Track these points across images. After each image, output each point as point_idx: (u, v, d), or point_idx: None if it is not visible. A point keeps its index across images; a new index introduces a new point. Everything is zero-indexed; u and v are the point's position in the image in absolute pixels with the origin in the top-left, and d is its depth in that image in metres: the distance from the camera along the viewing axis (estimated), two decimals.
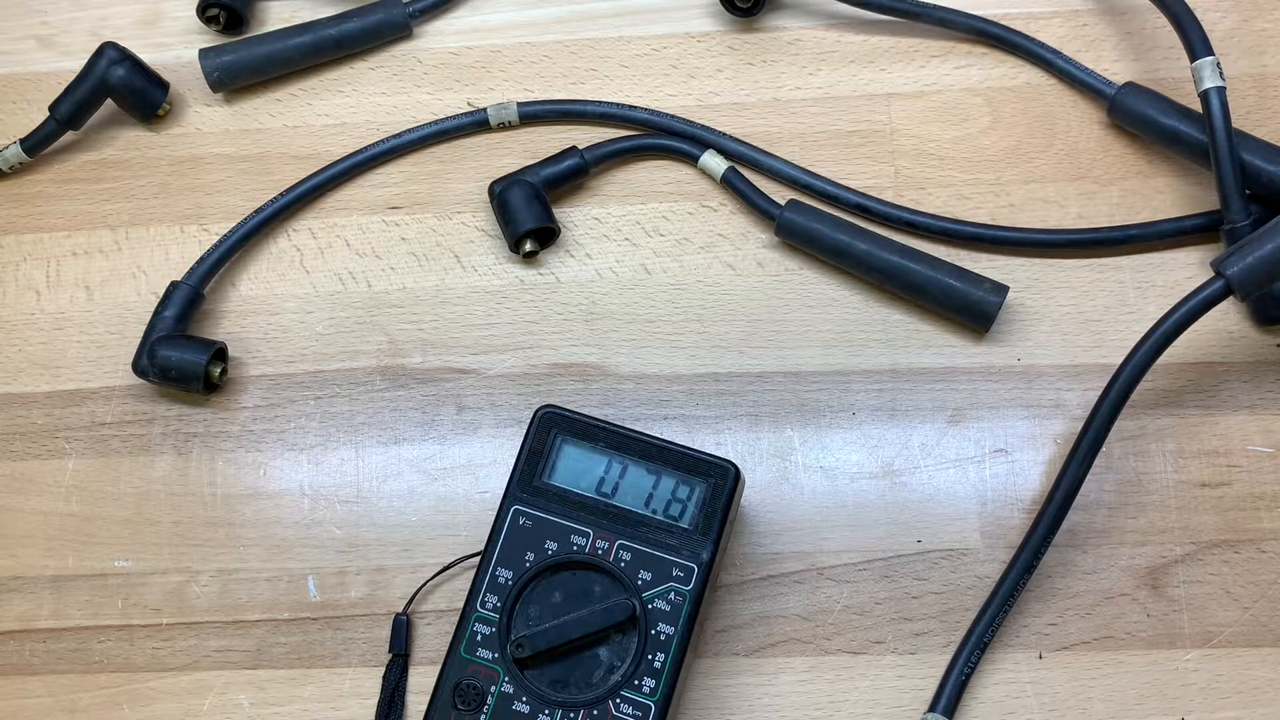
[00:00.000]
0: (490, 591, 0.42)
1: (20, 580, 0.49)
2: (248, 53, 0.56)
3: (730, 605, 0.47)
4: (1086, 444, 0.45)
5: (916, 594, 0.47)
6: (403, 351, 0.52)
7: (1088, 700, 0.46)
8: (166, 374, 0.50)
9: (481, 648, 0.42)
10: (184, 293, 0.52)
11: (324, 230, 0.55)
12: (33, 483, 0.51)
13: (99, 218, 0.56)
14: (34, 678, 0.48)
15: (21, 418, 0.52)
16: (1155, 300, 0.51)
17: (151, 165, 0.57)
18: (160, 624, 0.48)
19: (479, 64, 0.58)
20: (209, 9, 0.57)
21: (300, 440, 0.51)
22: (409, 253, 0.54)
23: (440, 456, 0.50)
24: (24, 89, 0.59)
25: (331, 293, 0.53)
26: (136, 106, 0.56)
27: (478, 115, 0.56)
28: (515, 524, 0.43)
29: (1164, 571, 0.47)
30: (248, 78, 0.57)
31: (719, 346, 0.52)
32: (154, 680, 0.48)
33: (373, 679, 0.47)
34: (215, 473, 0.51)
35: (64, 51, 0.59)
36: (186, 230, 0.55)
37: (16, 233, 0.55)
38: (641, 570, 0.42)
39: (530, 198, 0.52)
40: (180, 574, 0.49)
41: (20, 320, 0.54)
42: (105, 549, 0.50)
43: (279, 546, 0.49)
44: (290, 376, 0.52)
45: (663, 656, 0.41)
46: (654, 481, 0.43)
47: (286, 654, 0.48)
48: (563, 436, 0.44)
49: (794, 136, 0.55)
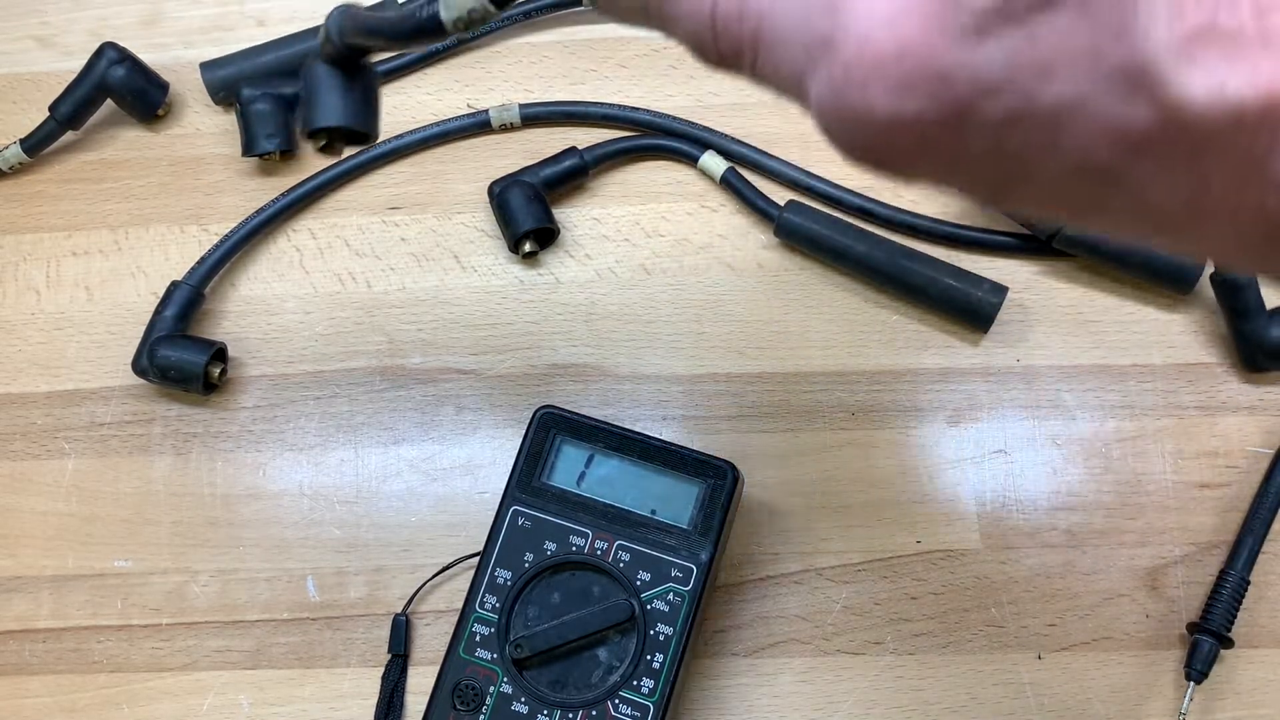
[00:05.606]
0: (489, 592, 0.42)
1: (20, 580, 0.49)
2: (248, 64, 0.56)
3: (729, 605, 0.47)
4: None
5: (915, 594, 0.47)
6: (402, 352, 0.52)
7: (1087, 701, 0.46)
8: (166, 374, 0.50)
9: (480, 648, 0.42)
10: (184, 293, 0.52)
11: (324, 231, 0.55)
12: (32, 483, 0.51)
13: (99, 218, 0.56)
14: (33, 678, 0.48)
15: (21, 418, 0.52)
16: (1155, 300, 0.51)
17: (151, 165, 0.57)
18: (160, 624, 0.48)
19: (479, 64, 0.58)
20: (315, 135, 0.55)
21: (300, 440, 0.51)
22: (409, 253, 0.54)
23: (439, 457, 0.50)
24: (24, 89, 0.59)
25: (331, 293, 0.53)
26: (136, 107, 0.56)
27: (479, 117, 0.56)
28: (514, 524, 0.43)
29: (1163, 572, 0.47)
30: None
31: (718, 347, 0.52)
32: (153, 680, 0.48)
33: (372, 679, 0.47)
34: (215, 473, 0.51)
35: (64, 51, 0.59)
36: (186, 230, 0.55)
37: (16, 233, 0.55)
38: (640, 571, 0.42)
39: (530, 198, 0.52)
40: (180, 574, 0.49)
41: (20, 320, 0.54)
42: (105, 549, 0.50)
43: (278, 547, 0.49)
44: (290, 377, 0.52)
45: (662, 657, 0.41)
46: (653, 482, 0.43)
47: (286, 654, 0.48)
48: (562, 437, 0.44)
49: (794, 137, 0.55)
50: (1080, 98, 0.19)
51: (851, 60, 0.21)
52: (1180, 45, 0.18)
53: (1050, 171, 0.21)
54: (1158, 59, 0.18)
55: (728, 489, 0.43)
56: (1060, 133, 0.20)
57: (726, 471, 0.43)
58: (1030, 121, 0.20)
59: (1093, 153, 0.20)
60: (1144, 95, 0.18)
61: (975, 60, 0.20)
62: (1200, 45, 0.18)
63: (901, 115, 0.21)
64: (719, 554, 0.43)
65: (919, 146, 0.21)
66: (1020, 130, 0.20)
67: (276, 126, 0.54)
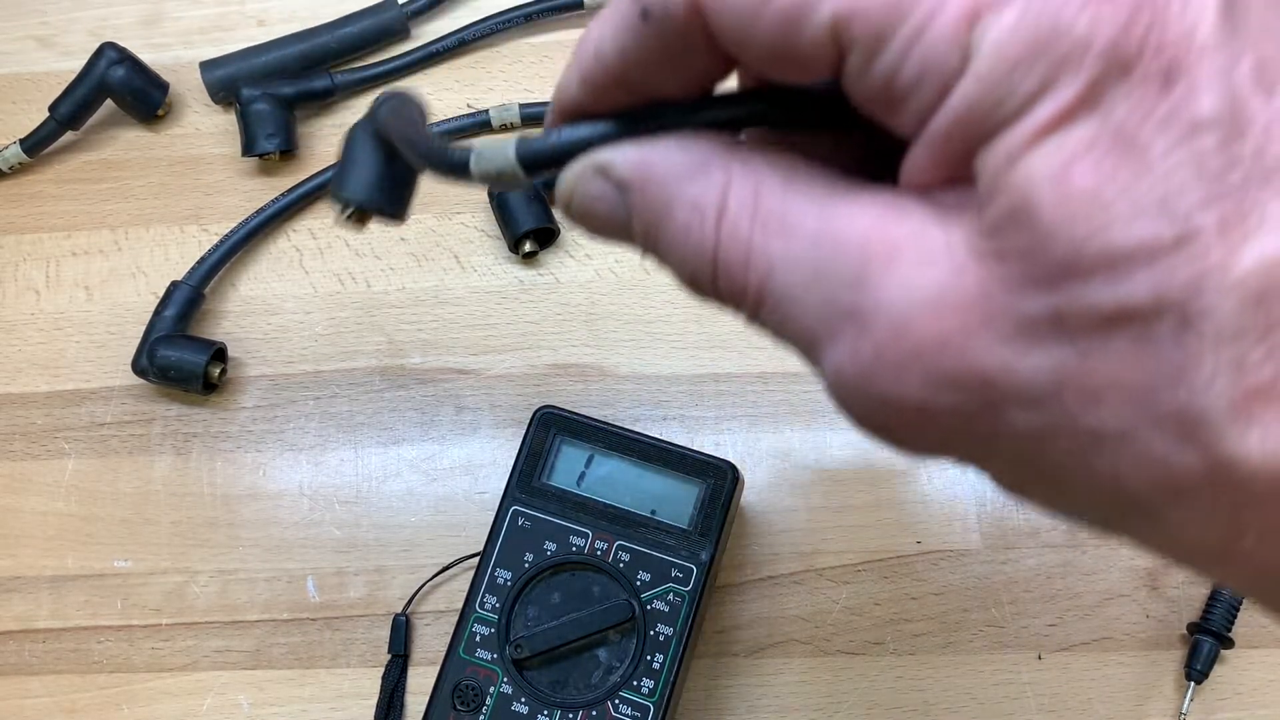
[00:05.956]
0: (489, 592, 0.42)
1: (19, 580, 0.49)
2: (247, 64, 0.56)
3: (729, 606, 0.47)
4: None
5: (916, 595, 0.47)
6: (402, 352, 0.52)
7: (1087, 701, 0.46)
8: (166, 374, 0.50)
9: (480, 648, 0.42)
10: (184, 293, 0.52)
11: (324, 230, 0.55)
12: (32, 483, 0.51)
13: (99, 218, 0.56)
14: (33, 678, 0.48)
15: (21, 418, 0.52)
16: None
17: (151, 165, 0.57)
18: (160, 624, 0.48)
19: (479, 64, 0.58)
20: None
21: (299, 440, 0.51)
22: (408, 253, 0.54)
23: (439, 457, 0.50)
24: (24, 89, 0.59)
25: (331, 293, 0.53)
26: (136, 107, 0.56)
27: (480, 117, 0.56)
28: (514, 524, 0.43)
29: (1164, 572, 0.47)
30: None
31: (719, 347, 0.52)
32: (153, 681, 0.48)
33: (372, 679, 0.47)
34: (215, 473, 0.51)
35: (64, 52, 0.59)
36: (186, 230, 0.55)
37: (16, 233, 0.55)
38: (640, 571, 0.42)
39: (530, 198, 0.52)
40: (179, 574, 0.49)
41: (20, 320, 0.54)
42: (104, 549, 0.50)
43: (278, 547, 0.49)
44: (289, 377, 0.52)
45: (662, 657, 0.41)
46: (653, 482, 0.43)
47: (286, 654, 0.48)
48: (562, 437, 0.44)
49: None
50: (1125, 431, 0.18)
51: (885, 342, 0.19)
52: (1241, 401, 0.17)
53: (1077, 488, 0.19)
54: (1216, 412, 0.17)
55: (728, 489, 0.43)
56: (1097, 458, 0.18)
57: (726, 472, 0.43)
58: (1067, 441, 0.18)
59: (1128, 484, 0.18)
60: (1196, 445, 0.17)
61: (1020, 367, 0.18)
62: (1261, 404, 0.17)
63: (933, 407, 0.19)
64: (719, 554, 0.43)
65: (943, 436, 0.20)
66: (1054, 444, 0.19)
67: (276, 126, 0.54)
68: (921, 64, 0.18)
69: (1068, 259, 0.17)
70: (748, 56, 0.20)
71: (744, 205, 0.21)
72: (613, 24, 0.22)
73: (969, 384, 0.19)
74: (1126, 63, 0.17)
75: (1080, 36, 0.17)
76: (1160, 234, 0.17)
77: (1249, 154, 0.17)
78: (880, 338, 0.19)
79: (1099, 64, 0.17)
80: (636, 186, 0.22)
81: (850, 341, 0.20)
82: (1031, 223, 0.18)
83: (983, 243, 0.18)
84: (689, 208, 0.21)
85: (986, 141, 0.18)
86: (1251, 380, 0.17)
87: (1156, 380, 0.17)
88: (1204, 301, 0.17)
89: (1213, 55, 0.17)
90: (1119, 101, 0.17)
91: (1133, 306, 0.17)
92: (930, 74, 0.18)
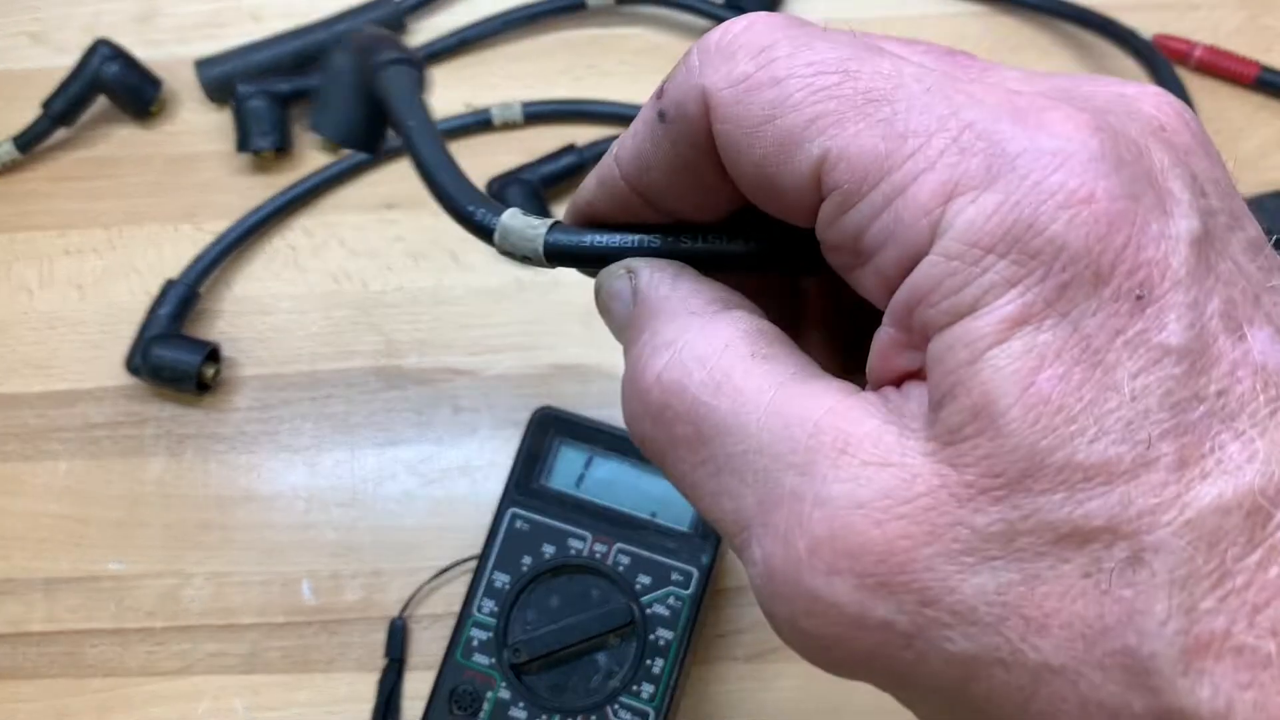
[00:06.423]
0: (487, 596, 0.42)
1: (12, 583, 0.49)
2: (244, 61, 0.56)
3: (730, 610, 0.47)
4: None
5: None
6: (399, 352, 0.52)
7: None
8: (160, 374, 0.49)
9: (478, 653, 0.41)
10: (179, 291, 0.51)
11: (320, 229, 0.54)
12: (24, 484, 0.50)
13: (92, 216, 0.55)
14: (26, 681, 0.47)
15: (13, 418, 0.51)
16: None
17: (145, 163, 0.56)
18: (153, 628, 0.48)
19: (479, 62, 0.57)
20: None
21: (294, 442, 0.50)
22: (405, 252, 0.54)
23: (436, 458, 0.50)
24: (16, 85, 0.58)
25: (327, 292, 0.53)
26: (130, 104, 0.55)
27: (481, 115, 0.55)
28: (512, 527, 0.42)
29: None
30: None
31: None
32: (147, 684, 0.47)
33: (368, 684, 0.47)
34: (208, 474, 0.50)
35: (57, 48, 0.59)
36: (180, 229, 0.55)
37: (8, 231, 0.55)
38: (640, 574, 0.41)
39: (528, 196, 0.52)
40: (173, 577, 0.49)
41: (12, 320, 0.53)
42: (98, 551, 0.49)
43: (273, 549, 0.49)
44: (284, 377, 0.51)
45: (661, 662, 0.41)
46: (653, 484, 0.43)
47: (281, 658, 0.47)
48: (560, 438, 0.44)
49: None
50: (1069, 668, 0.17)
51: (821, 538, 0.18)
52: (1193, 650, 0.16)
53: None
54: (1166, 660, 0.16)
55: None
56: (1034, 697, 0.17)
57: None
58: (1004, 673, 0.17)
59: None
60: (1144, 691, 0.16)
61: (963, 586, 0.17)
62: (1213, 657, 0.16)
63: (864, 617, 0.18)
64: (720, 557, 0.43)
65: (870, 650, 0.19)
66: (988, 675, 0.18)
67: (272, 124, 0.54)
68: (891, 226, 0.18)
69: (1028, 469, 0.17)
70: (738, 172, 0.21)
71: (702, 356, 0.21)
72: (634, 128, 0.22)
73: (905, 597, 0.18)
74: (1100, 274, 0.17)
75: (1055, 236, 0.17)
76: (1122, 456, 0.16)
77: (1213, 392, 0.17)
78: (818, 532, 0.18)
79: (1072, 268, 0.17)
80: (639, 300, 0.23)
81: (784, 530, 0.19)
82: (994, 426, 0.17)
83: (939, 448, 0.18)
84: (655, 339, 0.22)
85: (946, 326, 0.18)
86: (1203, 629, 0.16)
87: (1105, 616, 0.17)
88: (1156, 536, 0.16)
89: (1186, 285, 0.17)
90: (1089, 313, 0.17)
91: (1088, 529, 0.17)
92: (897, 239, 0.18)
